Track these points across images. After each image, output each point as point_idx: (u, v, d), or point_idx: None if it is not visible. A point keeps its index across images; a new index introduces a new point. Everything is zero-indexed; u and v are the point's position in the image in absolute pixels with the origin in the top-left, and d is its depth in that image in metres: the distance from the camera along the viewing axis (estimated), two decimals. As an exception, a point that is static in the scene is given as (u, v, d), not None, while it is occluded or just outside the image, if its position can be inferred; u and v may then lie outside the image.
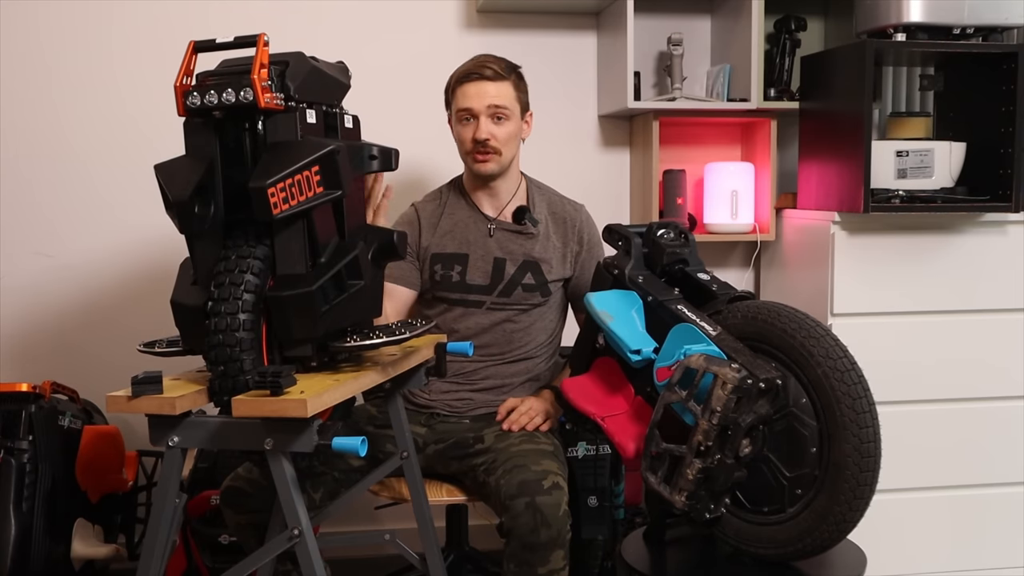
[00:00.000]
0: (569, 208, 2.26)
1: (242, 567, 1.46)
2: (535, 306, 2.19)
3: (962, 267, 2.47)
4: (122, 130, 2.68)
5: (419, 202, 2.30)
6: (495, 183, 2.21)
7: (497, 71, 2.12)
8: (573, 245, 2.23)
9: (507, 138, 2.14)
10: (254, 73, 1.41)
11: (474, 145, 2.13)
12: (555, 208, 2.25)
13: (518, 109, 2.16)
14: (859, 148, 2.30)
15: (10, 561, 2.18)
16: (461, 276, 2.19)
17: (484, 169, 2.16)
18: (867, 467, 1.57)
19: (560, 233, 2.22)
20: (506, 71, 2.14)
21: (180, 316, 1.50)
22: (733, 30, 2.70)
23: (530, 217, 2.18)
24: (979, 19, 2.36)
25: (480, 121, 2.12)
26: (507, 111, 2.13)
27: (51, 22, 2.64)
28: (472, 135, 2.13)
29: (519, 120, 2.17)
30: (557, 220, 2.24)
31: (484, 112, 2.12)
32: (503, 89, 2.13)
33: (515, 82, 2.16)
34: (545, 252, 2.20)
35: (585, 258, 2.24)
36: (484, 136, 2.12)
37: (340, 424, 1.42)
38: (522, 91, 2.18)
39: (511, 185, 2.23)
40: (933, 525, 2.53)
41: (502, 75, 2.13)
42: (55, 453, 2.31)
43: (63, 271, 2.70)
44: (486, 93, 2.11)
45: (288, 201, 1.41)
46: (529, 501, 1.84)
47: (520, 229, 2.19)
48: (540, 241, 2.20)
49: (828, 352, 1.62)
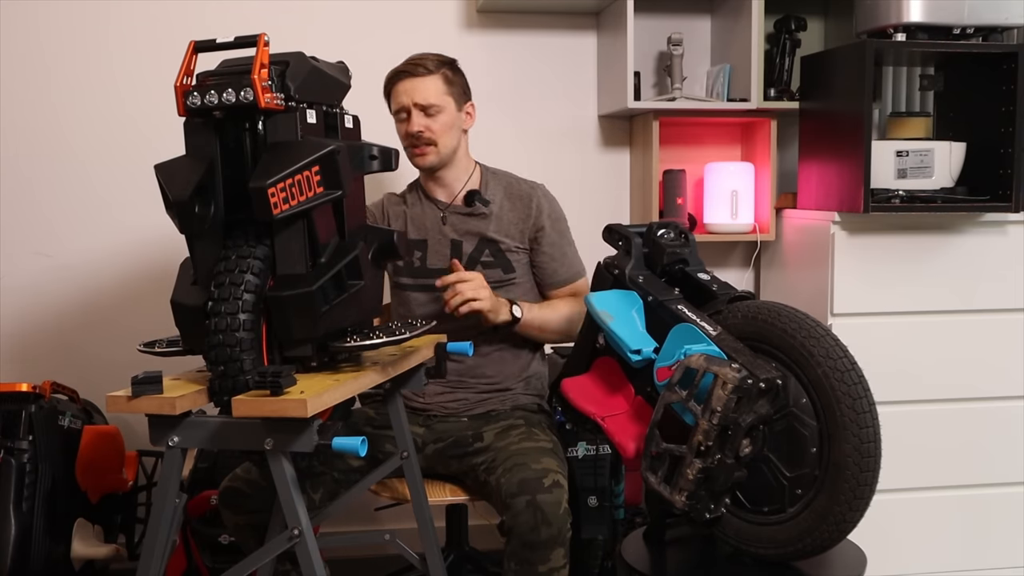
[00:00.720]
0: (525, 186, 2.29)
1: (242, 567, 1.46)
2: (500, 284, 2.20)
3: (962, 267, 2.47)
4: (122, 130, 2.68)
5: (389, 193, 2.37)
6: (442, 173, 2.24)
7: (426, 67, 2.17)
8: (531, 220, 2.25)
9: (442, 129, 2.18)
10: (254, 73, 1.41)
11: (409, 140, 2.19)
12: (511, 188, 2.28)
13: (450, 102, 2.19)
14: (859, 148, 2.30)
15: (10, 561, 2.18)
16: (422, 261, 2.23)
17: (422, 163, 2.21)
18: (867, 467, 1.57)
19: (517, 209, 2.25)
20: (435, 66, 2.18)
21: (180, 316, 1.50)
22: (733, 30, 2.70)
23: (480, 198, 2.22)
24: (979, 19, 2.36)
25: (412, 116, 2.17)
26: (437, 106, 2.17)
27: (51, 22, 2.64)
28: (406, 130, 2.18)
29: (454, 112, 2.20)
30: (513, 198, 2.26)
31: (415, 108, 2.16)
32: (431, 83, 2.17)
33: (445, 76, 2.19)
34: (500, 229, 2.23)
35: (548, 232, 2.25)
36: (416, 130, 2.16)
37: (340, 424, 1.42)
38: (454, 84, 2.21)
39: (461, 173, 2.26)
40: (933, 525, 2.53)
41: (430, 71, 2.17)
42: (55, 453, 2.31)
43: (63, 271, 2.70)
44: (414, 89, 2.16)
45: (288, 201, 1.41)
46: (529, 499, 1.84)
47: (472, 211, 2.23)
48: (494, 220, 2.23)
49: (828, 352, 1.62)
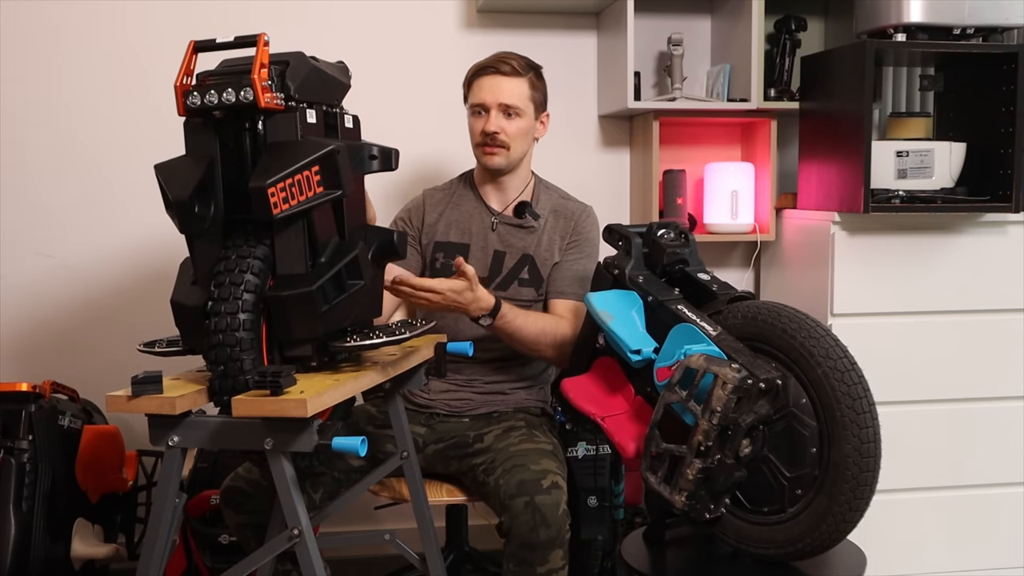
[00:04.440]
0: (572, 206, 2.27)
1: (242, 567, 1.46)
2: (531, 302, 2.19)
3: (962, 267, 2.47)
4: (122, 130, 2.68)
5: (429, 189, 2.35)
6: (503, 178, 2.23)
7: (514, 68, 2.15)
8: (569, 237, 2.23)
9: (517, 134, 2.16)
10: (254, 73, 1.41)
11: (483, 138, 2.16)
12: (558, 206, 2.26)
13: (531, 108, 2.18)
14: (859, 148, 2.30)
15: (10, 561, 2.18)
16: None
17: (491, 162, 2.18)
18: (867, 467, 1.57)
19: (559, 228, 2.23)
20: (523, 69, 2.17)
21: (180, 316, 1.50)
22: (733, 30, 2.70)
23: (530, 211, 2.20)
24: (979, 19, 2.36)
25: (491, 115, 2.15)
26: (518, 108, 2.15)
27: (51, 22, 2.63)
28: (482, 128, 2.16)
29: (532, 118, 2.19)
30: (559, 217, 2.24)
31: (495, 107, 2.15)
32: (516, 86, 2.15)
33: (531, 81, 2.18)
34: (540, 248, 2.21)
35: (571, 249, 2.22)
36: (493, 129, 2.14)
37: (340, 424, 1.42)
38: (538, 90, 2.20)
39: (519, 182, 2.25)
40: (933, 525, 2.53)
41: (518, 72, 2.15)
42: (55, 453, 2.31)
43: (63, 271, 2.70)
44: (499, 88, 2.14)
45: (288, 201, 1.41)
46: (528, 500, 1.84)
47: (520, 223, 2.21)
48: (539, 237, 2.21)
49: (828, 352, 1.62)
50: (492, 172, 2.22)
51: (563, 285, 2.20)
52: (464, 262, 2.00)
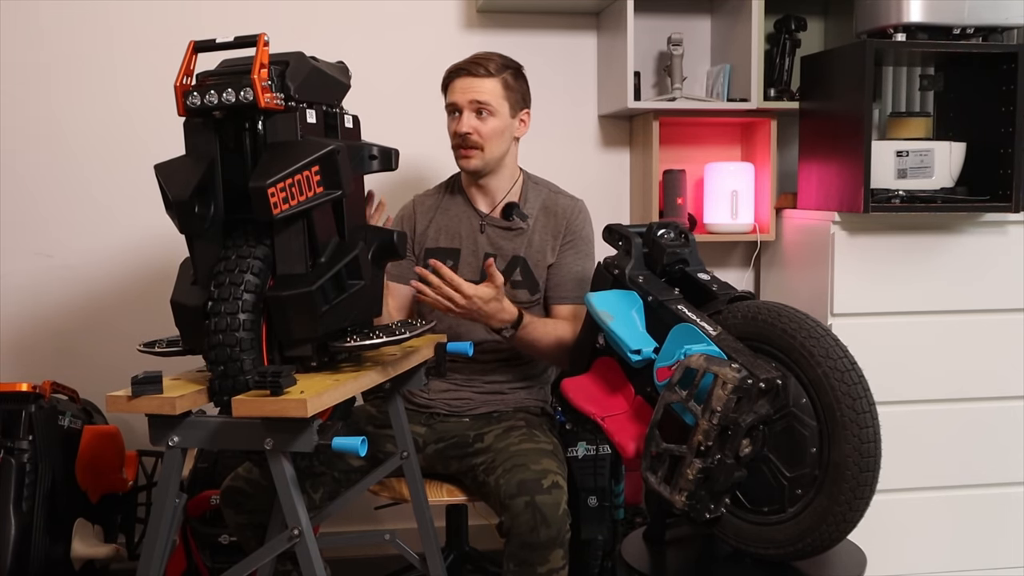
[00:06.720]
0: (563, 201, 2.24)
1: (242, 567, 1.46)
2: (526, 304, 2.18)
3: (962, 267, 2.47)
4: (122, 130, 2.68)
5: (419, 196, 2.33)
6: (486, 180, 2.21)
7: (487, 69, 2.13)
8: (562, 235, 2.20)
9: (491, 134, 2.13)
10: (254, 73, 1.41)
11: (457, 139, 2.15)
12: (549, 202, 2.23)
13: (505, 106, 2.14)
14: (859, 148, 2.30)
15: (10, 561, 2.18)
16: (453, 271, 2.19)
17: (467, 165, 2.16)
18: (867, 467, 1.57)
19: (551, 227, 2.21)
20: (497, 69, 2.14)
21: (180, 316, 1.50)
22: (733, 30, 2.70)
23: (518, 212, 2.18)
24: (979, 19, 2.36)
25: (463, 115, 2.13)
26: (490, 107, 2.12)
27: (51, 22, 2.64)
28: (455, 129, 2.15)
29: (507, 117, 2.16)
30: (549, 214, 2.22)
31: (467, 106, 2.12)
32: (488, 85, 2.12)
33: (506, 80, 2.15)
34: (532, 249, 2.19)
35: (567, 249, 2.20)
36: (464, 130, 2.12)
37: (340, 424, 1.42)
38: (514, 89, 2.16)
39: (505, 182, 2.23)
40: (933, 525, 2.53)
41: (490, 72, 2.13)
42: (55, 453, 2.31)
43: (63, 271, 2.70)
44: (470, 88, 2.12)
45: (288, 201, 1.41)
46: (528, 500, 1.84)
47: (509, 225, 2.19)
48: (528, 237, 2.19)
49: (828, 352, 1.62)
50: (473, 174, 2.19)
51: (565, 290, 2.19)
52: (494, 265, 1.98)
